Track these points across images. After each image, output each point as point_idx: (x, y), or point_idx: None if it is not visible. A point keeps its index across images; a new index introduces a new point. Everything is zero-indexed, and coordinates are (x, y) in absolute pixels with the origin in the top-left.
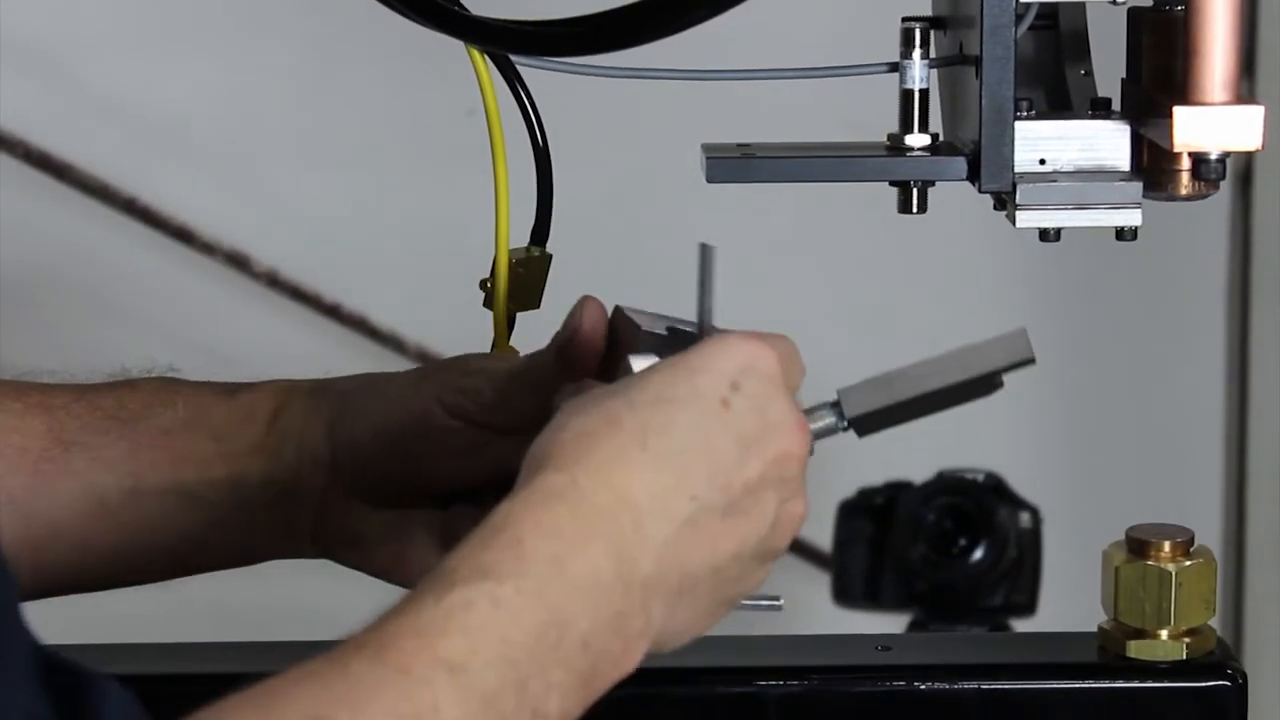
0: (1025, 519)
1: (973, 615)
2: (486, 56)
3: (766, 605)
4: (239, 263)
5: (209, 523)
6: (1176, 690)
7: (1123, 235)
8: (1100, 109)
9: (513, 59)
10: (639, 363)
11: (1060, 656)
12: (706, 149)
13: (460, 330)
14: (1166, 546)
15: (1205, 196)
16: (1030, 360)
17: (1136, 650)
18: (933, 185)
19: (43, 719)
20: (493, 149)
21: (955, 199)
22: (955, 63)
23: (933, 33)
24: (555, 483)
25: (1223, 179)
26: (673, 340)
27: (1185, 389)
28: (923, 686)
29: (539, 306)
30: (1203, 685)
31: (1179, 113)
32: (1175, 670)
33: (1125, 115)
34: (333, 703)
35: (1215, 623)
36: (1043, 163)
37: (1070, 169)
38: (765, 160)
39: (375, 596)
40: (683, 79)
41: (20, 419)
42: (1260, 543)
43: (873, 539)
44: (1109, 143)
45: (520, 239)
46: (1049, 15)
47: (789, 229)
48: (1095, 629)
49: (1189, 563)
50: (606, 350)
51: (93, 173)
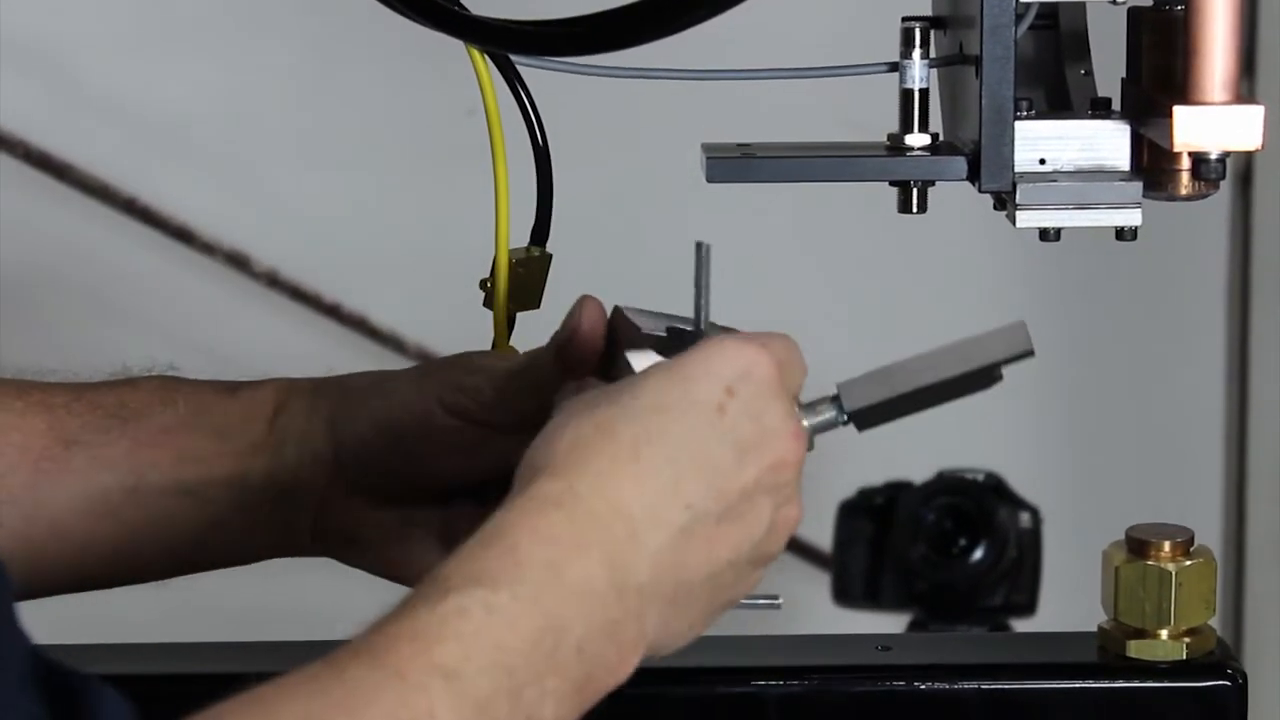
0: (1025, 519)
1: (973, 615)
2: (486, 56)
3: (765, 604)
4: (239, 263)
5: (210, 521)
6: (1176, 690)
7: (1123, 235)
8: (1100, 109)
9: (513, 59)
10: (639, 362)
11: (1060, 656)
12: (706, 149)
13: (460, 330)
14: (1166, 546)
15: (1205, 196)
16: (1029, 352)
17: (1136, 650)
18: (933, 185)
19: None
20: (493, 149)
21: (955, 199)
22: (955, 62)
23: (933, 32)
24: (551, 489)
25: (1223, 179)
26: (672, 339)
27: (1185, 389)
28: (923, 686)
29: (539, 306)
30: (1203, 685)
31: (1179, 112)
32: (1175, 670)
33: (1125, 115)
34: (330, 708)
35: (1215, 623)
36: (1043, 162)
37: (1070, 169)
38: (765, 160)
39: (376, 595)
40: (683, 79)
41: (21, 418)
42: (1260, 543)
43: (873, 539)
44: (1109, 143)
45: (520, 239)
46: (1049, 15)
47: (789, 229)
48: (1095, 629)
49: (1189, 563)
50: (606, 350)
51: (93, 173)
